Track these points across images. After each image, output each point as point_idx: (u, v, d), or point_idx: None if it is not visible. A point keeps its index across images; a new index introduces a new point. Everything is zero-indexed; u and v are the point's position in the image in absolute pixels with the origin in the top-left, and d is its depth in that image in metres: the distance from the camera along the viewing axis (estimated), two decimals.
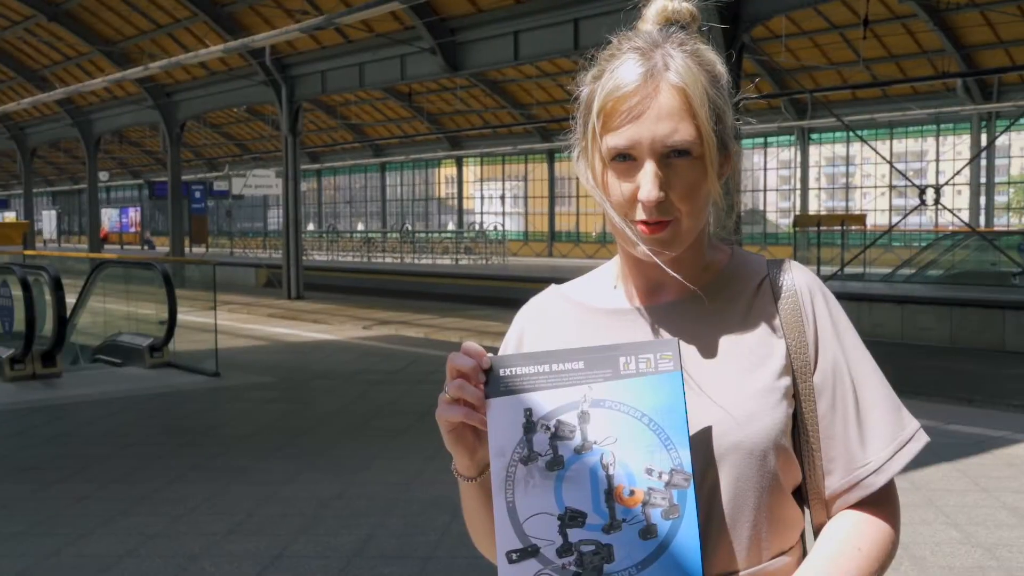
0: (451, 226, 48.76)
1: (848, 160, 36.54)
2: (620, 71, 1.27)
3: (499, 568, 1.21)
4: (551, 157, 43.26)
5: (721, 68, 1.32)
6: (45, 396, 10.04)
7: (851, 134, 30.92)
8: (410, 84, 29.89)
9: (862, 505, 1.32)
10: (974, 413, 9.07)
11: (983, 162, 29.72)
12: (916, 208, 18.27)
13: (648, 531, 1.18)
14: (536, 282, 27.05)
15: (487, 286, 26.80)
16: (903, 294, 17.99)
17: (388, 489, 6.45)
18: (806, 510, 1.36)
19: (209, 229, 53.76)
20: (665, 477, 1.19)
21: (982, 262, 22.29)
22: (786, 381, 1.32)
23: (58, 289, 10.78)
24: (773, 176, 39.76)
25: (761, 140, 37.76)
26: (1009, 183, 33.43)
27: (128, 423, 8.77)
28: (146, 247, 56.64)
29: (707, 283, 1.38)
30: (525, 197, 46.41)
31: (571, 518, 1.20)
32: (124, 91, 31.35)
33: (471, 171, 48.88)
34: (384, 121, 43.19)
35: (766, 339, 1.34)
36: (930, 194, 15.76)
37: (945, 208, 16.63)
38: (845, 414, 1.33)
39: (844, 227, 26.83)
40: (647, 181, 1.25)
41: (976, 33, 25.95)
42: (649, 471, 1.19)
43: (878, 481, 1.31)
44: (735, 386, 1.30)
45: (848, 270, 20.72)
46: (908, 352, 14.63)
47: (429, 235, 45.03)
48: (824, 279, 1.44)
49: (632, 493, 1.19)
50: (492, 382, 1.24)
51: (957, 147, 32.52)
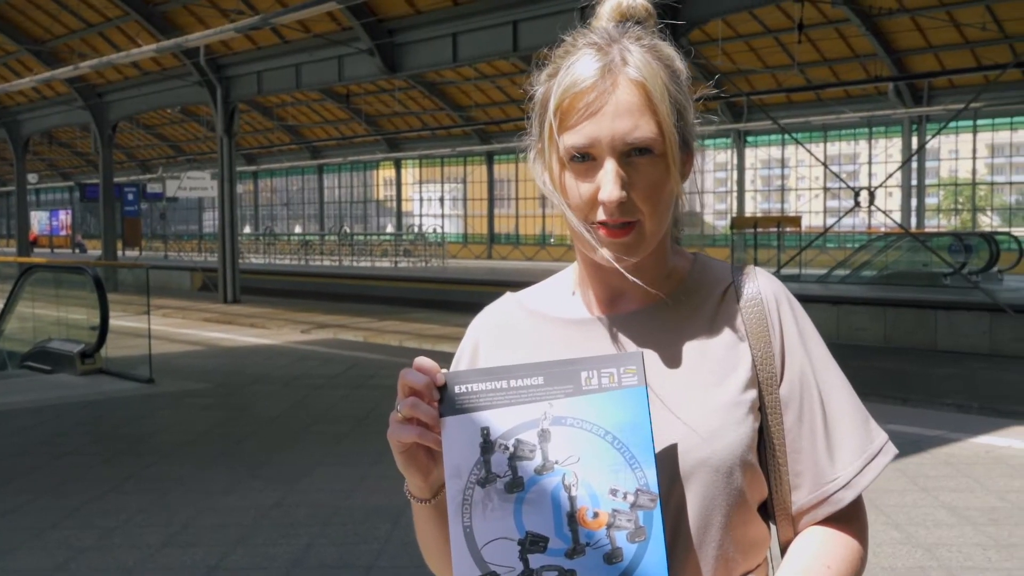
0: (390, 228, 48.51)
1: (783, 162, 37.04)
2: (576, 67, 1.22)
3: None
4: (490, 159, 43.25)
5: (680, 64, 1.27)
6: None
7: (786, 137, 31.35)
8: (348, 85, 29.65)
9: (830, 521, 1.28)
10: (910, 412, 9.20)
11: (914, 165, 30.29)
12: (851, 210, 18.55)
13: (613, 555, 1.13)
14: (476, 285, 27.13)
15: (426, 289, 26.71)
16: (838, 295, 18.26)
17: (329, 497, 6.34)
18: (772, 527, 1.32)
19: (143, 232, 52.86)
20: (630, 498, 1.13)
21: (914, 263, 22.74)
22: (752, 394, 1.26)
23: None
24: (710, 178, 40.16)
25: (698, 142, 38.03)
26: (939, 185, 34.12)
27: (58, 432, 8.53)
28: (77, 250, 55.50)
29: (670, 291, 1.32)
30: (464, 199, 46.32)
31: (532, 543, 1.14)
32: (53, 91, 30.68)
33: (410, 173, 48.67)
34: (321, 123, 42.83)
35: (731, 350, 1.29)
36: (864, 196, 15.99)
37: (879, 210, 16.89)
38: (812, 427, 1.28)
39: (780, 229, 27.17)
40: (608, 181, 1.19)
41: (907, 38, 26.43)
42: (614, 492, 1.14)
43: (847, 496, 1.27)
44: (700, 400, 1.25)
45: (784, 271, 20.95)
46: (843, 352, 14.70)
47: (368, 238, 44.71)
48: None
49: (596, 515, 1.14)
50: (447, 399, 1.18)
51: (889, 150, 33.13)
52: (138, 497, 6.39)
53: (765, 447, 1.28)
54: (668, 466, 1.21)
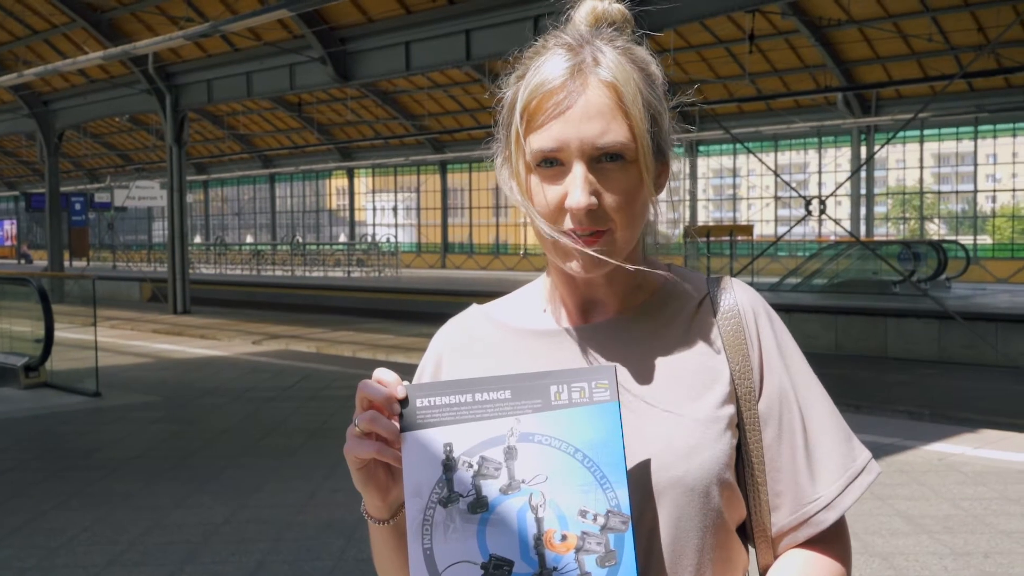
0: (343, 238, 48.20)
1: (735, 172, 37.35)
2: (545, 67, 1.15)
3: None
4: (443, 168, 43.15)
5: (656, 69, 1.21)
6: None
7: (738, 146, 31.62)
8: (300, 94, 29.47)
9: (811, 543, 1.22)
10: (863, 420, 9.24)
11: (863, 174, 30.67)
12: (803, 219, 18.73)
13: None
14: (430, 294, 27.01)
15: (380, 298, 26.57)
16: (790, 303, 18.41)
17: (280, 512, 6.21)
18: (750, 549, 1.25)
19: (90, 242, 52.03)
20: (601, 520, 1.07)
21: (864, 271, 23.01)
22: (730, 409, 1.20)
23: None
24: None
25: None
26: (887, 194, 34.59)
27: (1, 448, 8.31)
28: (23, 261, 54.55)
29: (643, 302, 1.26)
30: (417, 208, 46.15)
31: (496, 567, 1.08)
32: None
33: (362, 182, 48.42)
34: (273, 132, 42.50)
35: (708, 363, 1.22)
36: (816, 205, 16.15)
37: (831, 219, 17.06)
38: (793, 444, 1.22)
39: (732, 237, 27.38)
40: (576, 186, 1.13)
41: (855, 49, 26.79)
42: (583, 513, 1.07)
43: (829, 518, 1.20)
44: (675, 415, 1.18)
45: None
46: None
47: (320, 247, 44.40)
48: None
49: (564, 538, 1.07)
50: (408, 414, 1.11)
51: (838, 159, 33.55)
52: (83, 514, 6.22)
53: (743, 466, 1.22)
54: (640, 485, 1.15)
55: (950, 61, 25.24)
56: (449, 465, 1.09)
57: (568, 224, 1.15)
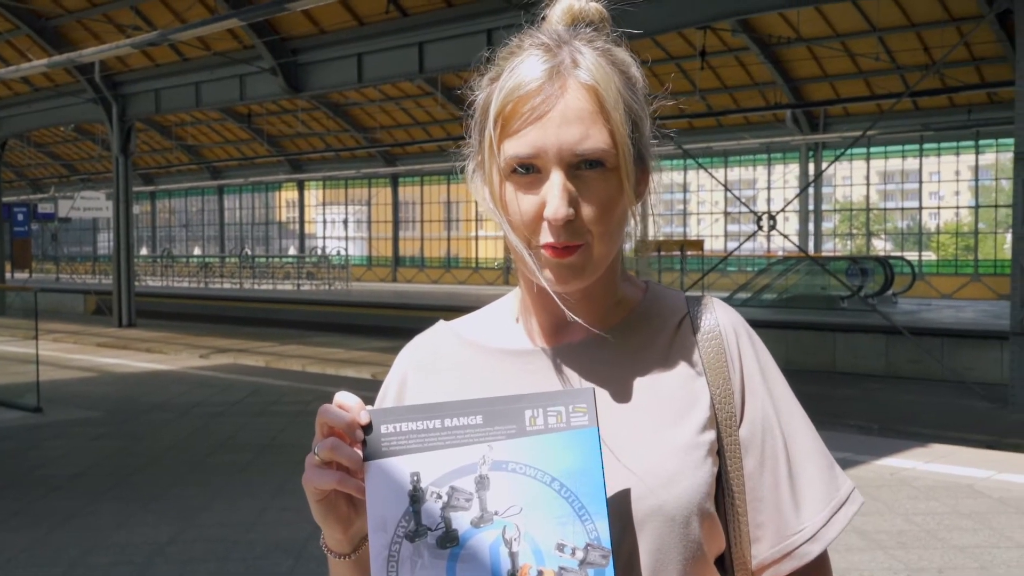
0: (292, 251, 47.78)
1: (685, 187, 37.60)
2: (521, 69, 1.09)
3: None
4: (395, 181, 42.95)
5: (637, 72, 1.15)
6: None
7: (689, 161, 31.86)
8: (249, 105, 29.19)
9: None
10: None
11: (811, 190, 31.03)
12: (753, 234, 18.88)
13: None
14: (380, 308, 26.79)
15: (330, 312, 26.35)
16: None
17: (228, 531, 6.07)
18: None
19: (33, 253, 51.10)
20: (579, 554, 1.00)
21: (812, 286, 23.22)
22: (710, 435, 1.14)
23: None
24: None
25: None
26: (835, 210, 35.01)
27: None
28: None
29: (621, 320, 1.19)
30: (368, 222, 45.87)
31: None
32: None
33: (313, 195, 48.03)
34: (222, 143, 42.05)
35: (687, 386, 1.16)
36: (766, 220, 16.28)
37: (781, 234, 17.21)
38: (775, 473, 1.16)
39: (683, 252, 27.53)
40: (554, 196, 1.06)
41: (804, 67, 27.12)
42: (561, 547, 1.00)
43: (813, 550, 1.15)
44: (654, 441, 1.12)
45: (687, 295, 21.16)
46: None
47: (269, 260, 43.94)
48: None
49: (540, 574, 1.00)
50: (372, 441, 1.04)
51: (786, 175, 33.90)
52: (23, 534, 6.03)
53: (723, 495, 1.15)
54: (619, 515, 1.08)
55: (896, 80, 25.63)
56: (416, 496, 1.02)
57: (546, 237, 1.08)
